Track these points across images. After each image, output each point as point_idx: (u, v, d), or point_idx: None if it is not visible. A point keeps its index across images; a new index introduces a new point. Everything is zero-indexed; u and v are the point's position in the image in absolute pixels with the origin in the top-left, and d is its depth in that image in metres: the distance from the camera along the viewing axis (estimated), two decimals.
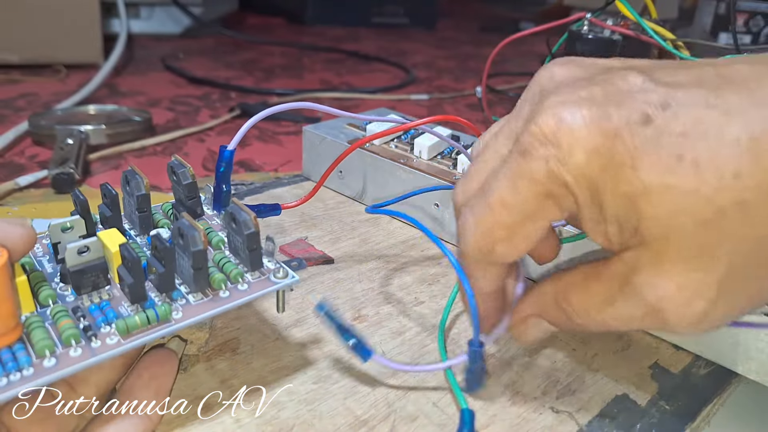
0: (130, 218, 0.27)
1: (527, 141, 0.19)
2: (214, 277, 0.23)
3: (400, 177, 0.40)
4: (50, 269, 0.24)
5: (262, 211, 0.30)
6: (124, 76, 0.78)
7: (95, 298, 0.22)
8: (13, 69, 0.75)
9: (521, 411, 0.26)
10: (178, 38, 1.03)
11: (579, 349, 0.30)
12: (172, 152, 0.55)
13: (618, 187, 0.17)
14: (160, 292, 0.22)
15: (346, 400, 0.26)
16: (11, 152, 0.52)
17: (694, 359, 0.30)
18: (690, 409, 0.27)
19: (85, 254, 0.22)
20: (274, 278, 0.24)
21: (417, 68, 0.93)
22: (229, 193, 0.28)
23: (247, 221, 0.23)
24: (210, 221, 0.28)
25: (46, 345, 0.19)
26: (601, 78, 0.19)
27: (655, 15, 0.50)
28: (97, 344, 0.20)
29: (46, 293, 0.22)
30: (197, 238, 0.22)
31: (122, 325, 0.21)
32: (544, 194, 0.19)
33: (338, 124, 0.47)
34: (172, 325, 0.21)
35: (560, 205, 0.19)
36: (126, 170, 0.26)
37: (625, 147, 0.17)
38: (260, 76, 0.84)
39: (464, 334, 0.30)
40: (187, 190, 0.27)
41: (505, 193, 0.19)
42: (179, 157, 0.28)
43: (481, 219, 0.20)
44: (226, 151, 0.28)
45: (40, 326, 0.20)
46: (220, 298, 0.23)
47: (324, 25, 1.25)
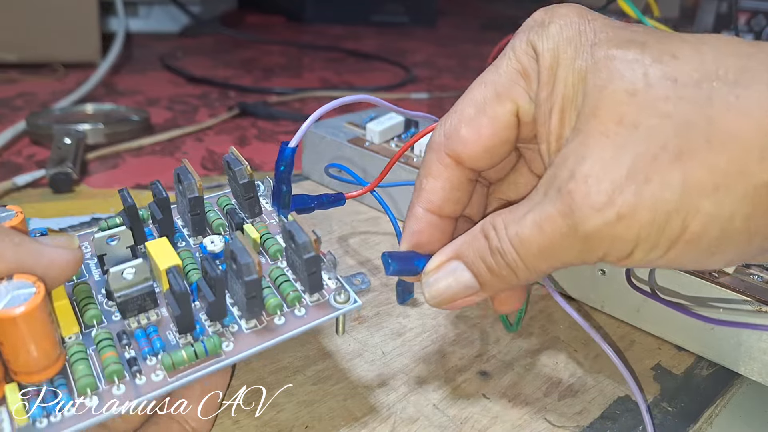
0: (183, 216, 0.25)
1: (519, 31, 0.21)
2: (268, 302, 0.21)
3: (401, 176, 0.40)
4: (97, 276, 0.23)
5: (325, 202, 0.27)
6: (122, 75, 0.78)
7: (143, 320, 0.21)
8: (10, 68, 0.74)
9: (522, 412, 0.26)
10: (177, 37, 1.02)
11: (580, 350, 0.30)
12: (170, 152, 0.54)
13: (575, 62, 0.19)
14: (211, 320, 0.21)
15: (345, 402, 0.26)
16: (9, 152, 0.52)
17: (696, 360, 0.30)
18: (692, 411, 0.27)
19: (131, 277, 0.20)
20: (334, 302, 0.22)
21: (417, 67, 0.93)
22: (290, 194, 0.26)
23: (306, 244, 0.21)
24: (268, 219, 0.26)
25: (88, 383, 0.18)
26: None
27: (657, 13, 0.50)
28: (141, 381, 0.19)
29: (91, 314, 0.21)
30: (251, 268, 0.20)
31: (168, 361, 0.19)
32: (518, 71, 0.21)
33: (338, 123, 0.47)
34: (222, 360, 0.20)
35: (528, 85, 0.21)
36: (178, 168, 0.24)
37: (593, 29, 0.19)
38: (259, 75, 0.84)
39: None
40: (244, 190, 0.25)
41: (485, 74, 0.21)
42: (235, 150, 0.25)
43: (457, 103, 0.22)
44: (288, 148, 0.25)
45: (83, 358, 0.19)
46: (275, 327, 0.21)
47: (323, 23, 1.24)
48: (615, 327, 0.32)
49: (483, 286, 0.21)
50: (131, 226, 0.23)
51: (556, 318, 0.32)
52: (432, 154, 0.23)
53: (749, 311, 0.27)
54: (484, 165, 0.22)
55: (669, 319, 0.30)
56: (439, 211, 0.23)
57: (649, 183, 0.16)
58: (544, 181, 0.19)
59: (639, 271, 0.30)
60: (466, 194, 0.23)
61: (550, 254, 0.19)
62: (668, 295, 0.29)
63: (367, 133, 0.43)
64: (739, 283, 0.28)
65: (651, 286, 0.29)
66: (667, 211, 0.16)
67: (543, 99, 0.20)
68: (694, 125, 0.16)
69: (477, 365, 0.28)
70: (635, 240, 0.17)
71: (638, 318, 0.31)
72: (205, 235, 0.25)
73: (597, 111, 0.18)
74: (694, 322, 0.28)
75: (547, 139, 0.20)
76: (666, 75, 0.17)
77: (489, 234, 0.20)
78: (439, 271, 0.22)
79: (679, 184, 0.16)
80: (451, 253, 0.22)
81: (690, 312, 0.27)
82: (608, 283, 0.31)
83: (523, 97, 0.21)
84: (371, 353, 0.29)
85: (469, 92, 0.22)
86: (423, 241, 0.23)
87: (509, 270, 0.20)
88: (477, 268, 0.21)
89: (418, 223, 0.23)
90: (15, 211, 0.21)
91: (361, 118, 0.47)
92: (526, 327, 0.31)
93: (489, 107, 0.21)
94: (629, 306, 0.31)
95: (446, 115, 0.22)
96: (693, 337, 0.29)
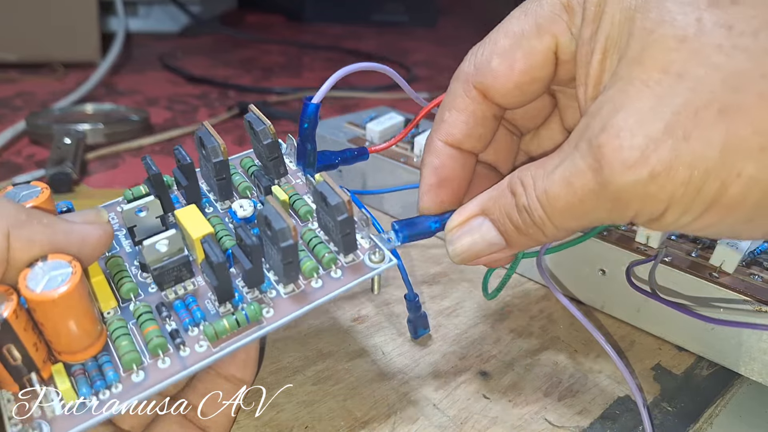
0: (208, 181, 0.25)
1: None
2: (305, 266, 0.21)
3: (401, 176, 0.40)
4: (128, 248, 0.22)
5: (349, 157, 0.26)
6: (122, 74, 0.78)
7: (180, 290, 0.21)
8: (10, 68, 0.74)
9: (522, 413, 0.26)
10: (177, 37, 1.02)
11: (581, 350, 0.30)
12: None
13: (624, 1, 0.17)
14: (249, 287, 0.21)
15: (345, 402, 0.25)
16: (8, 152, 0.52)
17: (696, 360, 0.30)
18: (693, 411, 0.27)
19: (166, 248, 0.20)
20: (370, 262, 0.21)
21: (417, 66, 0.93)
22: (315, 151, 0.25)
23: (339, 206, 0.20)
24: (294, 179, 0.25)
25: (133, 359, 0.18)
26: None
27: None
28: (186, 353, 0.19)
29: (127, 287, 0.20)
30: (287, 233, 0.19)
31: (210, 331, 0.19)
32: (562, 4, 0.19)
33: (338, 122, 0.47)
34: (264, 327, 0.20)
35: (572, 20, 0.19)
36: (200, 131, 0.24)
37: None
38: (259, 74, 0.83)
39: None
40: (268, 150, 0.24)
41: (527, 2, 0.20)
42: (256, 109, 0.24)
43: (492, 32, 0.20)
44: (310, 104, 0.24)
45: (125, 333, 0.19)
46: (313, 290, 0.21)
47: (323, 22, 1.24)
48: (615, 327, 0.32)
49: (509, 244, 0.20)
50: (158, 195, 0.22)
51: (556, 318, 0.32)
52: (458, 85, 0.21)
53: (749, 311, 0.27)
54: (513, 102, 0.21)
55: (669, 319, 0.30)
56: (459, 144, 0.22)
57: (688, 139, 0.15)
58: (576, 132, 0.17)
59: (639, 271, 0.30)
60: (489, 131, 0.22)
61: (579, 212, 0.17)
62: (668, 295, 0.29)
63: (367, 133, 0.43)
64: (739, 283, 0.28)
65: (651, 286, 0.29)
66: (705, 170, 0.15)
67: (586, 37, 0.18)
68: (745, 79, 0.15)
69: (477, 365, 0.28)
70: (668, 200, 0.16)
71: (638, 318, 0.31)
72: (232, 199, 0.25)
73: (641, 57, 0.16)
74: (695, 322, 0.28)
75: (585, 82, 0.18)
76: (721, 21, 0.15)
77: (516, 190, 0.19)
78: (464, 227, 0.21)
79: (720, 142, 0.15)
80: (477, 209, 0.21)
81: (690, 312, 0.27)
82: (608, 283, 0.31)
83: (564, 32, 0.19)
84: (371, 353, 0.29)
85: (507, 21, 0.20)
86: (446, 175, 0.22)
87: (536, 228, 0.19)
88: (503, 225, 0.20)
89: (439, 157, 0.22)
90: (40, 187, 0.20)
91: (361, 118, 0.47)
92: (526, 327, 0.31)
93: (526, 40, 0.19)
94: (629, 306, 0.31)
95: (478, 45, 0.21)
96: (693, 337, 0.29)
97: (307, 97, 0.24)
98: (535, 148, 0.25)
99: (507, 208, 0.19)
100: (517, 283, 0.35)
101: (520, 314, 0.32)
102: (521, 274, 0.36)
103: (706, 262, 0.29)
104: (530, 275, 0.35)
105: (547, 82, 0.21)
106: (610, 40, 0.17)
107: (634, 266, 0.29)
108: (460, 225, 0.21)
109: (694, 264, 0.29)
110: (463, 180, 0.22)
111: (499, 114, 0.22)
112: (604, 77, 0.18)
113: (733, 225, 0.16)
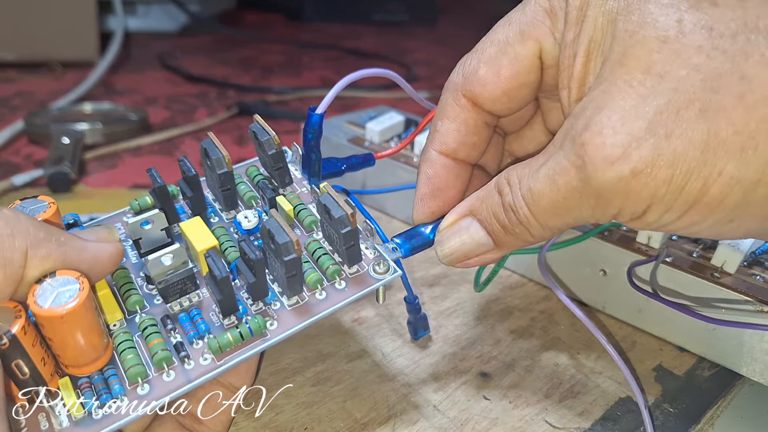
0: (213, 190, 0.25)
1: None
2: (309, 277, 0.21)
3: (401, 176, 0.40)
4: (134, 259, 0.23)
5: (355, 163, 0.26)
6: (120, 74, 0.78)
7: (185, 302, 0.21)
8: (8, 67, 0.74)
9: (523, 414, 0.26)
10: (175, 36, 1.02)
11: (581, 351, 0.30)
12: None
13: (606, 3, 0.17)
14: (253, 300, 0.21)
15: (345, 403, 0.25)
16: (6, 151, 0.52)
17: (698, 361, 0.30)
18: (694, 412, 0.27)
19: (170, 262, 0.20)
20: (374, 273, 0.22)
21: (418, 66, 0.93)
22: (319, 161, 0.25)
23: (343, 219, 0.21)
24: (299, 187, 0.25)
25: (138, 372, 0.19)
26: None
27: None
28: (190, 366, 0.19)
29: (133, 299, 0.21)
30: (290, 247, 0.19)
31: (215, 345, 0.19)
32: (545, 9, 0.19)
33: (338, 122, 0.46)
34: (268, 340, 0.20)
35: (554, 25, 0.19)
36: (205, 141, 0.24)
37: None
38: (258, 74, 0.83)
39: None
40: (273, 160, 0.24)
41: (511, 12, 0.20)
42: (260, 119, 0.24)
43: (479, 43, 0.21)
44: (315, 115, 0.23)
45: (130, 346, 0.19)
46: (317, 302, 0.21)
47: (323, 21, 1.24)
48: (616, 328, 0.32)
49: (497, 244, 0.20)
50: (163, 207, 0.23)
51: (557, 319, 0.32)
52: (448, 95, 0.22)
53: (751, 311, 0.27)
54: (502, 109, 0.21)
55: (671, 320, 0.30)
56: (454, 154, 0.22)
57: (670, 138, 0.15)
58: (561, 132, 0.18)
59: (641, 272, 0.30)
60: (482, 140, 0.22)
61: (563, 210, 0.18)
62: (670, 296, 0.29)
63: (367, 133, 0.43)
64: (741, 284, 0.28)
65: (653, 286, 0.29)
66: (687, 170, 0.15)
67: (568, 41, 0.18)
68: (724, 80, 0.15)
69: (477, 366, 0.28)
70: (650, 198, 0.16)
71: (640, 319, 0.31)
72: (237, 209, 0.25)
73: (624, 58, 0.16)
74: (696, 323, 0.28)
75: (569, 85, 0.19)
76: (701, 23, 0.15)
77: (503, 189, 0.19)
78: (453, 228, 0.21)
79: (702, 141, 0.15)
80: (465, 210, 0.21)
81: (692, 312, 0.27)
82: (609, 284, 0.31)
83: (547, 37, 0.19)
84: (371, 354, 0.28)
85: (493, 31, 0.21)
86: (439, 185, 0.22)
87: (522, 227, 0.19)
88: (490, 225, 0.20)
89: (433, 167, 0.22)
90: (47, 202, 0.20)
91: (360, 117, 0.46)
92: (526, 328, 0.31)
93: (510, 47, 0.20)
94: (631, 306, 0.31)
95: (466, 55, 0.21)
96: (695, 338, 0.29)
97: (311, 107, 0.23)
98: (518, 148, 0.25)
99: (494, 207, 0.20)
100: (517, 283, 0.35)
101: (520, 315, 0.32)
102: (522, 275, 0.36)
103: (707, 262, 0.29)
104: (531, 276, 0.35)
105: (535, 88, 0.21)
106: (594, 43, 0.18)
107: (636, 266, 0.29)
108: (449, 226, 0.21)
109: (695, 264, 0.29)
110: (457, 190, 0.23)
111: (492, 122, 0.22)
112: (588, 79, 0.18)
113: (714, 224, 0.16)
